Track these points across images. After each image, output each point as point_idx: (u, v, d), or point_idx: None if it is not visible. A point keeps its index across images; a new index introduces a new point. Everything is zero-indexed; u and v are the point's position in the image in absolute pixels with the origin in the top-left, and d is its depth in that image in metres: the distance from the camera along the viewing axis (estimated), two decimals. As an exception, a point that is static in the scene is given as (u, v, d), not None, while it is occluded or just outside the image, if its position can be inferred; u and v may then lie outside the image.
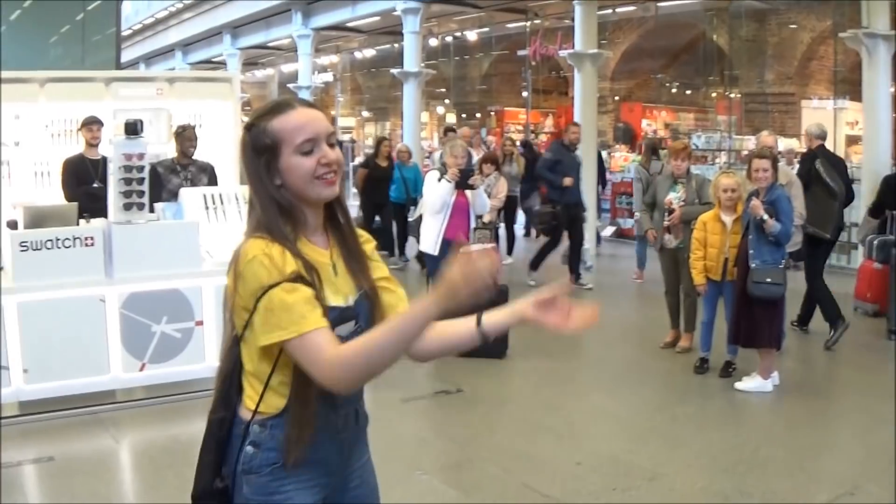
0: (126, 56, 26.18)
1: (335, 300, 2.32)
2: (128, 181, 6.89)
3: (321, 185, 2.32)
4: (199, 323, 7.21)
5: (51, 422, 6.71)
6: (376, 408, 2.66)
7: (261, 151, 2.31)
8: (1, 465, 5.87)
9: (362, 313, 2.39)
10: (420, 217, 9.40)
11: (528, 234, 17.00)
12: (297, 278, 2.22)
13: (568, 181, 11.46)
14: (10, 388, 6.73)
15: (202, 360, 7.17)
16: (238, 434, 2.36)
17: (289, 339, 2.19)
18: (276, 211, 2.31)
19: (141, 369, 7.08)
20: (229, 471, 2.37)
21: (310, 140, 2.30)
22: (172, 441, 6.29)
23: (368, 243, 2.54)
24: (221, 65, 32.05)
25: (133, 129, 6.93)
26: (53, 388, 6.84)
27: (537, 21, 24.40)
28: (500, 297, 2.44)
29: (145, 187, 6.99)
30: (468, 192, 8.58)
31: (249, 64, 34.54)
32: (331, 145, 2.35)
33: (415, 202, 12.42)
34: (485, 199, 8.80)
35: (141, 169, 6.93)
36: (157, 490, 5.54)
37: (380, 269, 2.52)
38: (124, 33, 20.07)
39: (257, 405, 2.32)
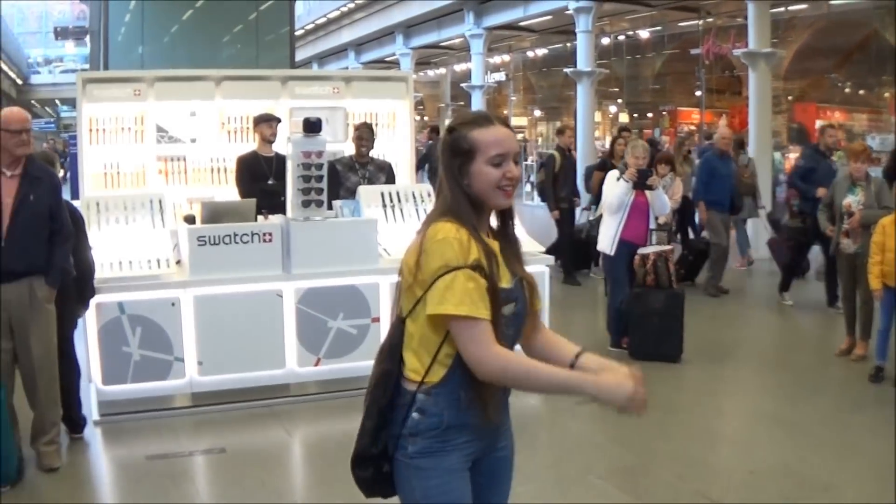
0: (298, 56, 26.99)
1: (503, 283, 2.70)
2: (306, 178, 7.13)
3: (501, 195, 2.74)
4: (375, 320, 7.40)
5: (224, 413, 7.03)
6: (551, 410, 2.92)
7: (458, 154, 2.73)
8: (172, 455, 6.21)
9: (520, 297, 2.78)
10: (600, 217, 9.38)
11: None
12: (476, 267, 2.61)
13: (821, 192, 10.16)
14: (184, 380, 7.08)
15: (377, 356, 7.33)
16: (403, 403, 2.73)
17: (460, 315, 2.58)
18: (467, 202, 2.71)
19: (316, 364, 7.33)
20: (393, 434, 2.75)
21: (501, 155, 2.71)
22: (344, 436, 6.35)
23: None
24: (394, 64, 32.71)
25: (313, 126, 7.16)
26: (227, 380, 7.17)
27: (710, 19, 24.00)
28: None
29: (324, 185, 7.20)
30: (648, 193, 8.54)
31: (422, 63, 35.10)
32: (515, 163, 2.76)
33: None
34: (664, 200, 8.73)
35: (319, 166, 7.15)
36: (326, 485, 5.70)
37: (524, 269, 2.88)
38: (296, 33, 20.68)
39: (423, 376, 2.71)
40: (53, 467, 6.00)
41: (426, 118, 39.04)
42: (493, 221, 2.85)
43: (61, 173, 7.95)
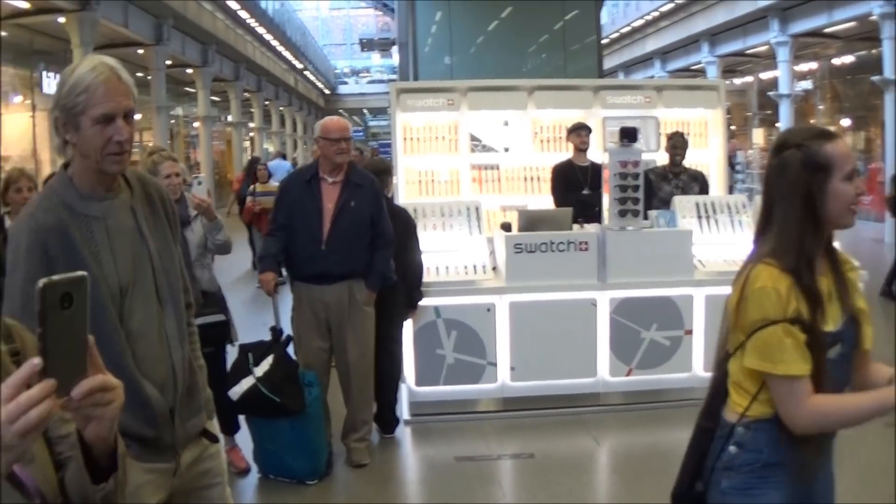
0: (604, 65, 27.12)
1: (828, 326, 2.58)
2: (623, 188, 7.27)
3: (851, 214, 2.63)
4: (689, 332, 7.41)
5: (533, 419, 7.23)
6: (860, 431, 2.82)
7: (813, 171, 2.59)
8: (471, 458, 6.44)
9: (847, 337, 2.65)
10: None
11: None
12: (796, 320, 2.52)
13: None
14: (495, 384, 7.35)
15: (689, 369, 7.40)
16: (721, 435, 2.70)
17: (774, 374, 2.56)
18: (811, 232, 2.60)
19: (627, 374, 7.42)
20: (706, 467, 2.71)
21: (854, 169, 2.63)
22: (652, 448, 6.52)
23: (853, 271, 2.77)
24: (700, 73, 32.22)
25: (629, 136, 7.31)
26: (538, 386, 7.39)
27: None
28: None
29: (640, 194, 7.32)
30: None
31: (727, 72, 34.35)
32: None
33: None
34: None
35: (636, 176, 7.27)
36: (633, 495, 5.79)
37: (860, 299, 2.74)
38: (602, 42, 20.74)
39: (744, 410, 2.64)
40: (362, 463, 6.38)
41: (733, 127, 38.17)
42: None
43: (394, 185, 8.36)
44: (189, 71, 30.62)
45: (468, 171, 9.57)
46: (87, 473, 1.65)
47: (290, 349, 6.17)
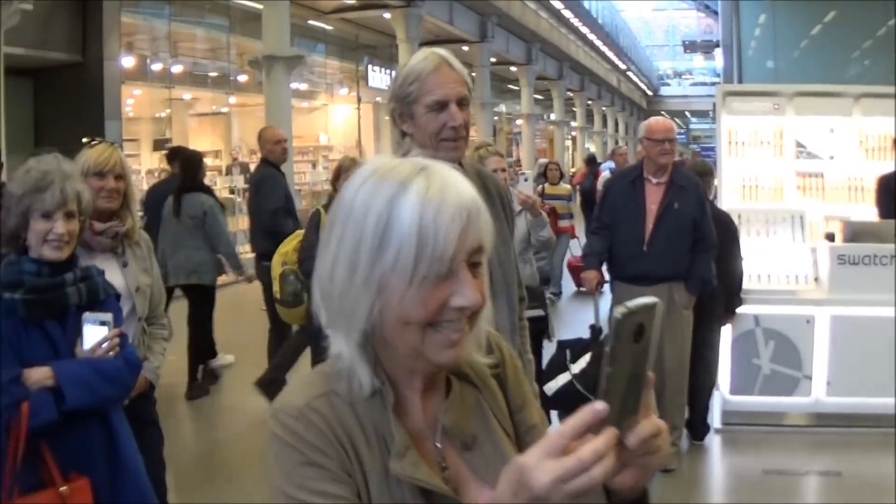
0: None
1: None
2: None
3: None
4: None
5: (845, 437, 6.86)
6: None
7: None
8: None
9: None
10: None
11: None
12: None
13: None
14: (809, 399, 7.03)
15: None
16: None
17: None
18: None
19: (942, 397, 6.90)
20: None
21: None
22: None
23: None
24: None
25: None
26: (854, 403, 6.99)
27: None
28: None
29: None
30: None
31: None
32: None
33: None
34: None
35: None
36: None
37: None
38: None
39: None
40: (670, 468, 6.26)
41: None
42: None
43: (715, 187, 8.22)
44: (513, 69, 31.22)
45: (792, 178, 9.22)
46: None
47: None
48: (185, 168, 8.62)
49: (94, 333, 3.10)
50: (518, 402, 1.66)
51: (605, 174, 15.81)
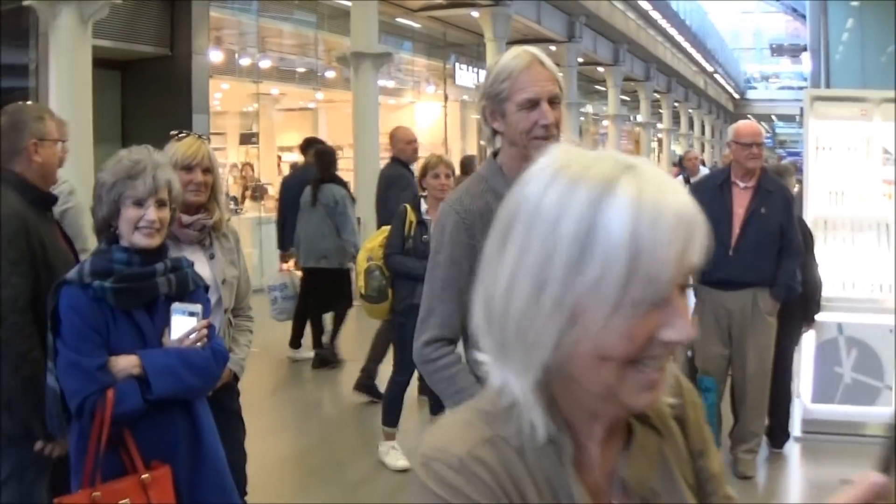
0: None
1: None
2: None
3: None
4: None
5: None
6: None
7: None
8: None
9: None
10: None
11: None
12: None
13: None
14: (890, 409, 6.79)
15: None
16: None
17: None
18: None
19: None
20: None
21: None
22: None
23: None
24: None
25: None
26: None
27: None
28: None
29: None
30: None
31: None
32: None
33: None
34: None
35: None
36: None
37: None
38: None
39: None
40: (747, 475, 6.18)
41: None
42: None
43: (796, 189, 8.09)
44: (600, 69, 30.99)
45: (879, 184, 9.01)
46: None
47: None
48: (321, 161, 9.25)
49: (182, 323, 3.12)
50: (699, 448, 1.43)
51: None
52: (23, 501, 3.53)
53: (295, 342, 9.70)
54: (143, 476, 2.95)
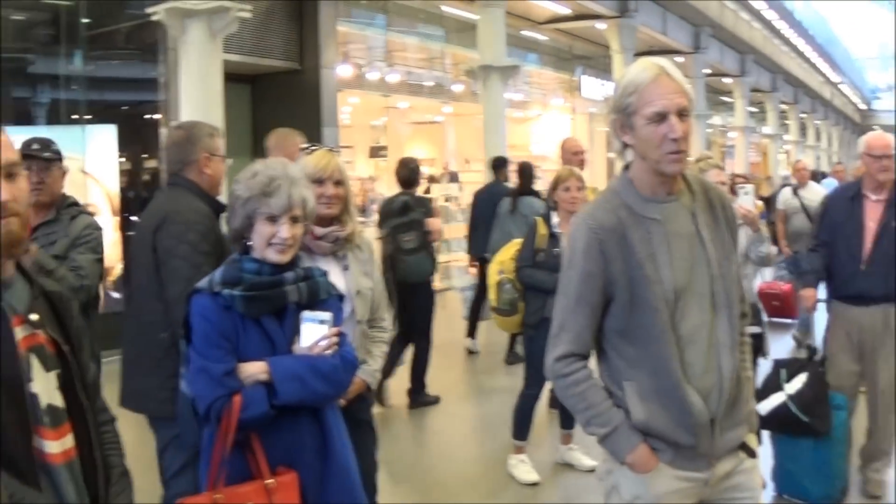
0: None
1: None
2: None
3: None
4: None
5: None
6: None
7: None
8: None
9: None
10: None
11: None
12: None
13: None
14: None
15: None
16: None
17: None
18: None
19: None
20: None
21: None
22: None
23: None
24: None
25: None
26: None
27: None
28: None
29: None
30: None
31: None
32: None
33: None
34: None
35: None
36: None
37: None
38: None
39: None
40: (875, 495, 5.89)
41: None
42: None
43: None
44: (726, 80, 30.55)
45: None
46: None
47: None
48: (521, 175, 9.93)
49: (312, 331, 3.08)
50: None
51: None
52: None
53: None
54: (267, 481, 2.94)
